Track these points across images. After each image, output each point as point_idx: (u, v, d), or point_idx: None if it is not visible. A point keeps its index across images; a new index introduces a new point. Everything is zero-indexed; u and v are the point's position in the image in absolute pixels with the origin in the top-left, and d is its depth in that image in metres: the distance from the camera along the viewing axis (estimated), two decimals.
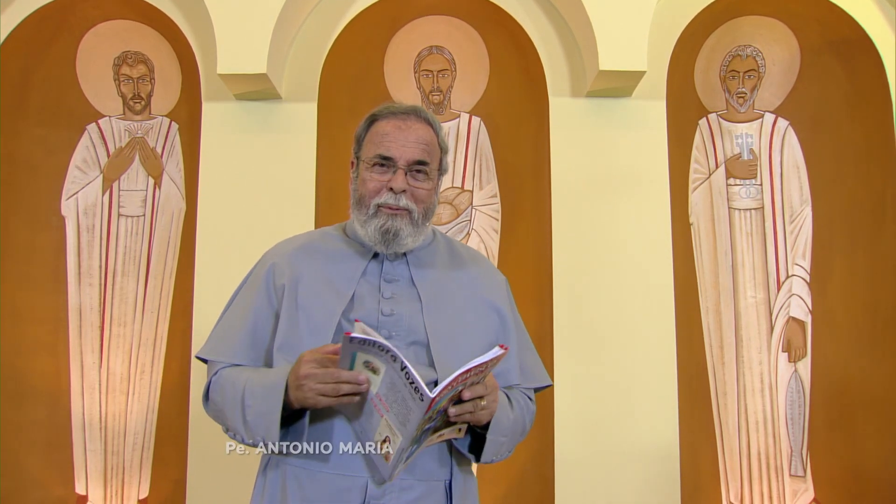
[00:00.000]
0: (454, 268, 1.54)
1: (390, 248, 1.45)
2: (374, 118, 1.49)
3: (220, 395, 1.42)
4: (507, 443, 1.45)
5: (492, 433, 1.38)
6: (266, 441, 1.32)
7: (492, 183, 3.16)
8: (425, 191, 1.46)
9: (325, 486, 1.36)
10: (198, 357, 1.54)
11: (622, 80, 2.83)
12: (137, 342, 3.09)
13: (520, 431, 1.50)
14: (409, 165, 1.44)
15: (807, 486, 3.00)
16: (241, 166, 2.91)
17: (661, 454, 2.79)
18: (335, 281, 1.46)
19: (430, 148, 1.46)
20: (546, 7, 3.02)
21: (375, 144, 1.45)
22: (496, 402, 1.34)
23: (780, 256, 3.10)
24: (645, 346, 2.83)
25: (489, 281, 1.57)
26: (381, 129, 1.46)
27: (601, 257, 2.88)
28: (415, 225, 1.45)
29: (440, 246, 1.57)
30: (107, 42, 3.17)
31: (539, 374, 1.60)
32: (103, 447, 3.04)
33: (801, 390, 3.04)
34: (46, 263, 3.10)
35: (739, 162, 3.16)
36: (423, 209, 1.46)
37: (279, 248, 1.57)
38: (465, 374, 1.19)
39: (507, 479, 2.95)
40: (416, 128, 1.45)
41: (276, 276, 1.49)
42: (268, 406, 1.31)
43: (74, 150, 3.18)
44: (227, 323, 1.52)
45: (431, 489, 1.40)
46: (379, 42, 3.16)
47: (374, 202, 1.44)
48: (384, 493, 1.35)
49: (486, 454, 1.39)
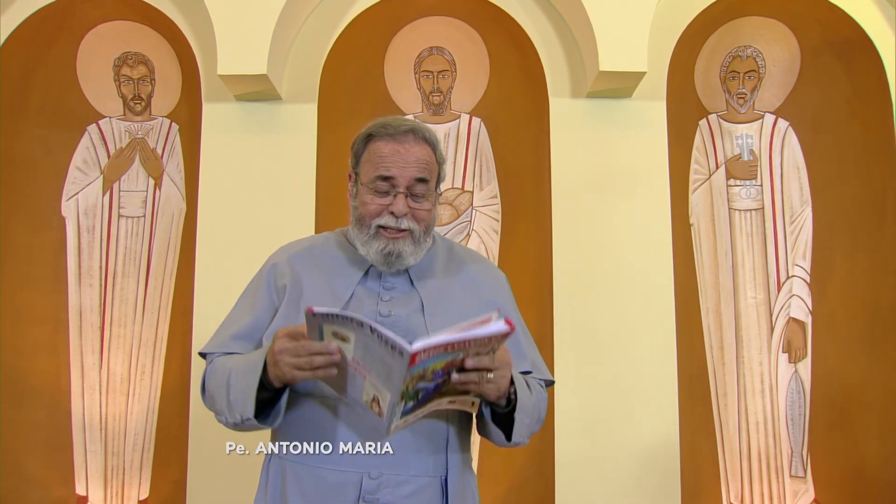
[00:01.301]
0: (454, 269, 1.55)
1: (392, 268, 1.47)
2: (371, 136, 1.48)
3: (213, 382, 1.44)
4: (529, 425, 1.44)
5: (519, 412, 1.39)
6: (243, 417, 1.34)
7: (492, 184, 3.16)
8: (425, 211, 1.47)
9: (322, 481, 1.38)
10: (200, 354, 1.57)
11: (622, 80, 2.83)
12: (138, 343, 3.09)
13: (536, 418, 1.49)
14: (409, 186, 1.44)
15: (807, 486, 3.00)
16: (241, 167, 2.91)
17: (661, 454, 2.79)
18: (334, 284, 1.48)
19: (430, 166, 1.47)
20: (546, 8, 3.02)
21: (374, 166, 1.45)
22: (506, 380, 1.33)
23: (780, 257, 3.10)
24: (645, 347, 2.83)
25: (489, 279, 1.58)
26: (380, 151, 1.45)
27: (601, 258, 2.88)
28: (416, 243, 1.47)
29: (439, 250, 1.58)
30: (107, 43, 3.17)
31: (544, 369, 1.61)
32: (103, 448, 3.04)
33: (802, 391, 3.04)
34: (47, 264, 3.10)
35: (740, 162, 3.16)
36: (425, 227, 1.48)
37: (282, 250, 1.59)
38: (463, 342, 1.19)
39: (508, 478, 2.95)
40: (414, 150, 1.45)
41: (277, 276, 1.51)
42: (247, 383, 1.34)
43: (75, 151, 3.18)
44: (228, 321, 1.55)
45: (426, 485, 1.41)
46: (379, 43, 3.17)
47: (374, 223, 1.45)
48: (379, 488, 1.37)
49: (516, 434, 1.40)
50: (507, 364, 1.32)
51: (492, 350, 1.27)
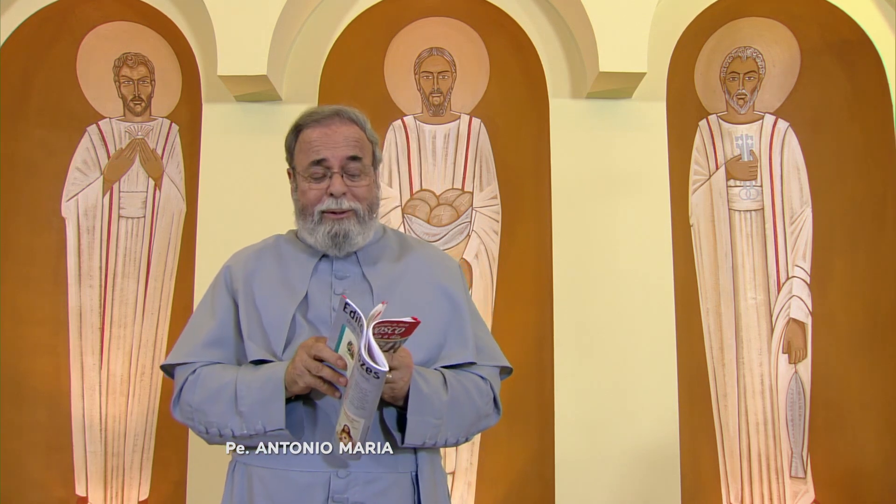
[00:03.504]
0: (404, 257, 1.55)
1: (343, 250, 1.48)
2: (300, 127, 1.51)
3: (200, 392, 1.41)
4: (446, 426, 1.40)
5: (414, 413, 1.35)
6: (267, 427, 1.33)
7: (492, 184, 3.16)
8: (364, 187, 1.48)
9: (289, 484, 1.37)
10: (162, 367, 1.54)
11: (622, 81, 2.83)
12: (138, 344, 3.09)
13: (471, 415, 1.46)
14: (342, 165, 1.45)
15: (807, 487, 3.00)
16: (241, 168, 2.91)
17: (661, 455, 2.79)
18: (289, 280, 1.49)
19: (360, 143, 1.48)
20: (546, 8, 3.02)
21: (306, 153, 1.47)
22: (404, 381, 1.32)
23: (780, 258, 3.10)
24: (645, 348, 2.83)
25: (440, 266, 1.58)
26: (308, 137, 1.48)
27: (601, 259, 2.88)
28: (362, 223, 1.48)
29: (390, 240, 1.59)
30: (107, 43, 3.17)
31: (497, 355, 1.58)
32: (103, 449, 3.04)
33: (802, 392, 3.04)
34: (47, 265, 3.10)
35: (740, 163, 3.16)
36: (367, 205, 1.49)
37: (236, 255, 1.60)
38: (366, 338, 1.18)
39: (507, 479, 2.95)
40: (342, 130, 1.47)
41: (232, 278, 1.53)
42: (266, 394, 1.33)
43: (75, 152, 3.18)
44: (190, 331, 1.53)
45: (396, 481, 1.40)
46: (379, 44, 3.17)
47: (317, 209, 1.47)
48: (348, 487, 1.36)
49: (410, 435, 1.35)
50: (407, 366, 1.32)
51: (393, 348, 1.27)
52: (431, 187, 3.16)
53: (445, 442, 1.42)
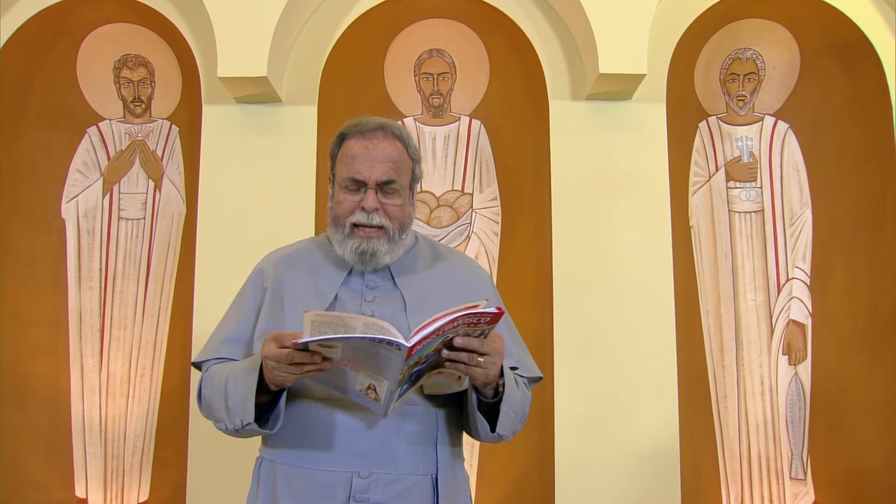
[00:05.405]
0: (437, 268, 1.57)
1: (368, 267, 1.49)
2: (344, 136, 1.51)
3: (209, 390, 1.46)
4: (514, 420, 1.45)
5: (505, 404, 1.39)
6: (243, 422, 1.35)
7: (492, 186, 3.16)
8: (397, 206, 1.48)
9: (312, 483, 1.39)
10: (193, 364, 1.59)
11: (622, 83, 2.83)
12: (137, 345, 3.09)
13: (521, 415, 1.50)
14: (379, 183, 1.46)
15: (807, 488, 2.99)
16: (241, 169, 2.91)
17: (661, 457, 2.79)
18: (318, 284, 1.50)
19: (398, 164, 1.48)
20: (546, 10, 3.02)
21: (346, 166, 1.48)
22: (496, 367, 1.34)
23: (780, 259, 3.10)
24: (645, 349, 2.83)
25: (472, 278, 1.60)
26: (350, 151, 1.48)
27: (601, 260, 2.88)
28: (391, 241, 1.49)
29: (422, 249, 1.60)
30: (107, 45, 3.17)
31: (532, 365, 1.61)
32: (103, 450, 3.04)
33: (802, 393, 3.04)
34: (47, 266, 3.10)
35: (739, 165, 3.16)
36: (398, 224, 1.49)
37: (268, 256, 1.62)
38: (451, 322, 1.21)
39: (508, 480, 2.95)
40: (383, 146, 1.47)
41: (263, 279, 1.55)
42: (244, 388, 1.35)
43: (75, 153, 3.18)
44: (218, 329, 1.58)
45: (417, 483, 1.41)
46: (379, 45, 3.17)
47: (348, 221, 1.47)
48: (369, 487, 1.38)
49: (500, 425, 1.40)
50: (499, 352, 1.33)
51: (483, 334, 1.28)
52: (431, 189, 3.16)
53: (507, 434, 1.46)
